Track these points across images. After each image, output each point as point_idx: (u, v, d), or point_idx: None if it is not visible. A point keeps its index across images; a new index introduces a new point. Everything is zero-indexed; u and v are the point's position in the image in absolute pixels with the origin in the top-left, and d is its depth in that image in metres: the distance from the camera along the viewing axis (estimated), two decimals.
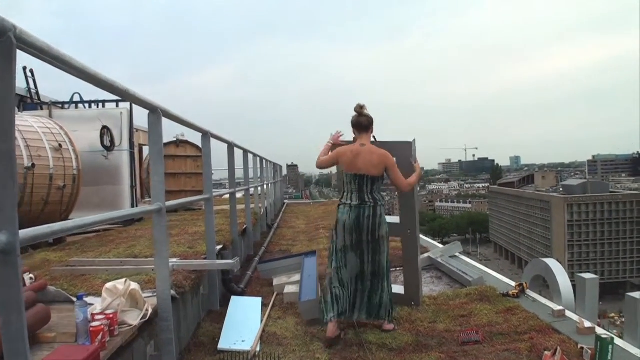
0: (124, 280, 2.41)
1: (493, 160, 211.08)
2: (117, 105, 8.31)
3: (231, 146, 5.56)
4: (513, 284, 4.85)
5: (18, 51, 1.32)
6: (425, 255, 5.95)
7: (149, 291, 2.89)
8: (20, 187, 4.85)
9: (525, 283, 4.72)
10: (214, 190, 4.30)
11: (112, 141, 7.78)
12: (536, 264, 5.41)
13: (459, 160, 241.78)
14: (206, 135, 4.11)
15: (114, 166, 7.96)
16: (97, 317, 2.14)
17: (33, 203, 5.18)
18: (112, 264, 3.80)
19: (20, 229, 1.30)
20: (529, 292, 4.60)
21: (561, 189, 79.41)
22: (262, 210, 10.05)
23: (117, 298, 2.34)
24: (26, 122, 5.30)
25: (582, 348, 3.11)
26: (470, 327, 3.65)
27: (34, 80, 9.04)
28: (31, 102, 8.65)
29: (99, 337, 2.05)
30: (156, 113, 2.61)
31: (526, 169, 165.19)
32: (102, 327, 2.07)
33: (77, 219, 1.81)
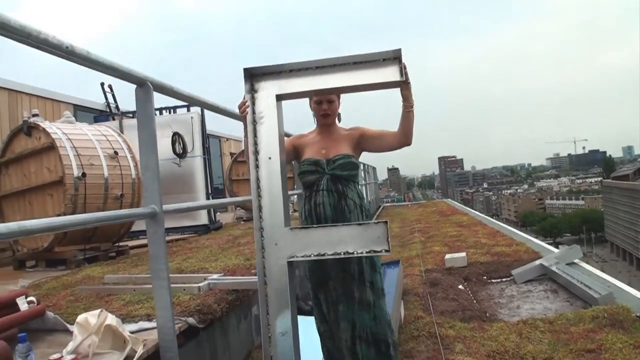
0: (97, 311, 1.76)
1: (604, 152, 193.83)
2: (188, 110, 8.03)
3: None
4: None
5: None
6: (537, 262, 4.83)
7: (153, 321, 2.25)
8: (71, 199, 4.53)
9: None
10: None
11: (184, 148, 7.52)
12: None
13: (568, 154, 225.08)
14: None
15: (187, 174, 7.72)
16: None
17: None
18: (147, 281, 3.26)
19: (74, 243, 0.70)
20: None
21: None
22: None
23: (89, 336, 1.70)
24: (79, 130, 5.02)
25: None
26: None
27: (113, 95, 9.13)
28: (109, 113, 8.68)
29: None
30: (144, 87, 1.97)
31: None
32: None
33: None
